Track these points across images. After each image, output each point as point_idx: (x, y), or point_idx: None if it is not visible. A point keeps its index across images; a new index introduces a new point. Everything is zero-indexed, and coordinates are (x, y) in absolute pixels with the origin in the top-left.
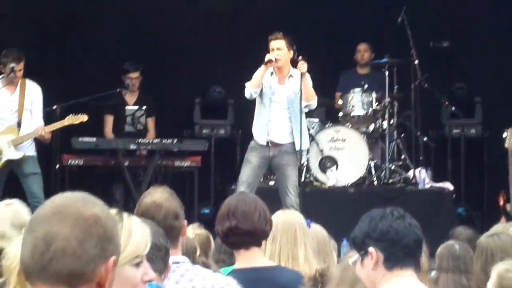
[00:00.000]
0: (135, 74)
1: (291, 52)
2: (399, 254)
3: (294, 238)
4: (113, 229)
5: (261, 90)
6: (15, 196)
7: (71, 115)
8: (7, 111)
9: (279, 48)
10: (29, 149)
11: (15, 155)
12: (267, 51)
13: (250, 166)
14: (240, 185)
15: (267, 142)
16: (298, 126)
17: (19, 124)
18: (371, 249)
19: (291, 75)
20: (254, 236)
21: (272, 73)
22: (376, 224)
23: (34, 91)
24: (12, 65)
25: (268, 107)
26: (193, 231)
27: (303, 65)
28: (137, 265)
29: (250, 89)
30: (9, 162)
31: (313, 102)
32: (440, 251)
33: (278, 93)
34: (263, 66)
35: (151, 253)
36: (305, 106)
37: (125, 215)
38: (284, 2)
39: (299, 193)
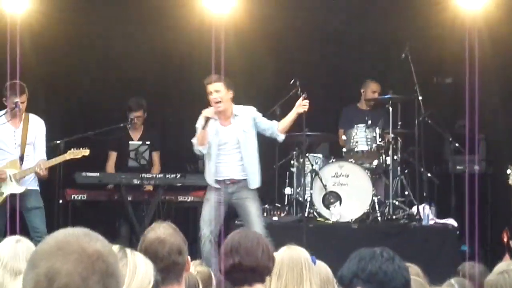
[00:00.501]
0: (138, 113)
1: (231, 92)
2: None
3: (300, 274)
4: (115, 265)
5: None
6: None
7: (72, 149)
8: (10, 145)
9: (217, 91)
10: (32, 183)
11: (17, 189)
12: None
13: (208, 203)
14: (203, 225)
15: (225, 180)
16: (252, 164)
17: (21, 158)
18: None
19: (235, 115)
20: (257, 272)
21: (215, 119)
22: (365, 265)
23: (37, 125)
24: (16, 99)
25: (216, 151)
26: (195, 268)
27: (304, 107)
28: None
29: (198, 147)
30: (12, 196)
31: (284, 136)
32: None
33: (224, 135)
34: (202, 127)
35: None
36: (274, 137)
37: (129, 251)
38: (288, 38)
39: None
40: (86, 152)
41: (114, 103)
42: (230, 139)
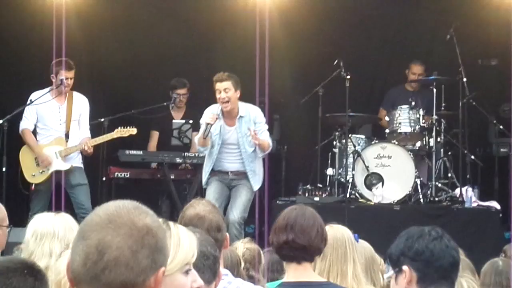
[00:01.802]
0: (182, 91)
1: (238, 92)
2: (433, 276)
3: (344, 254)
4: (163, 240)
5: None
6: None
7: (120, 127)
8: (56, 122)
9: (226, 90)
10: (76, 161)
11: (63, 166)
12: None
13: (212, 186)
14: None
15: (227, 172)
16: (251, 167)
17: (67, 136)
18: (405, 267)
19: (241, 116)
20: (309, 251)
21: (219, 116)
22: (412, 243)
23: (81, 103)
24: (63, 76)
25: (217, 149)
26: (244, 245)
27: (255, 140)
28: (186, 272)
29: (200, 148)
30: (57, 173)
31: (269, 150)
32: (485, 268)
33: (228, 136)
34: (203, 130)
35: (198, 261)
36: (260, 156)
37: (172, 224)
38: (333, 18)
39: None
40: (133, 131)
41: (158, 82)
42: (233, 141)
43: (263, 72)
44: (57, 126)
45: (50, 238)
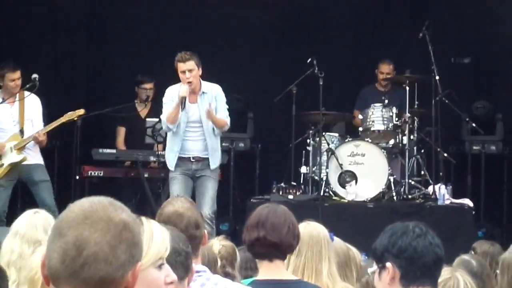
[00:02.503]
0: (149, 85)
1: (200, 69)
2: (416, 273)
3: (319, 252)
4: (139, 235)
5: None
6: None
7: (69, 112)
8: (8, 122)
9: (190, 70)
10: (37, 158)
11: (16, 158)
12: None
13: (176, 181)
14: None
15: (190, 158)
16: (212, 143)
17: (21, 131)
18: (388, 264)
19: (203, 92)
20: (280, 249)
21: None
22: (396, 240)
23: (32, 102)
24: (11, 77)
25: (184, 129)
26: (220, 243)
27: (209, 115)
28: (160, 267)
29: (168, 125)
30: (14, 167)
31: (225, 128)
32: (457, 266)
33: (192, 112)
34: (177, 105)
35: (170, 257)
36: (218, 133)
37: (144, 219)
38: (306, 16)
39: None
40: (81, 111)
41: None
42: (197, 117)
43: (239, 68)
44: (11, 127)
45: (13, 236)
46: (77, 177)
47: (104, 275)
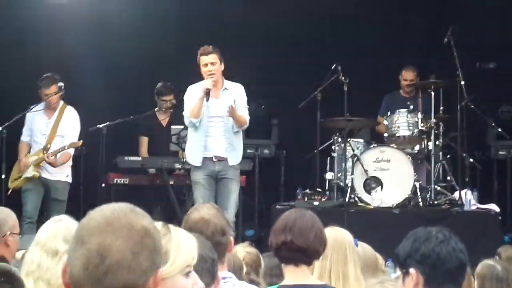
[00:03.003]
0: (169, 97)
1: (223, 65)
2: (439, 279)
3: (344, 256)
4: (160, 242)
5: None
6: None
7: (72, 142)
8: (41, 135)
9: (212, 63)
10: (58, 175)
11: (30, 173)
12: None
13: (200, 186)
14: None
15: (212, 158)
16: (231, 140)
17: (45, 148)
18: (411, 270)
19: (225, 88)
20: (307, 254)
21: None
22: (419, 246)
23: (70, 117)
24: (45, 92)
25: (206, 124)
26: (244, 249)
27: (231, 111)
28: (187, 275)
29: (192, 120)
30: (28, 179)
31: (245, 126)
32: (481, 271)
33: (214, 108)
34: (201, 97)
35: (197, 264)
36: (237, 131)
37: (172, 226)
38: (330, 22)
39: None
40: (79, 143)
41: (145, 87)
42: (219, 113)
43: (263, 75)
44: (43, 140)
45: (35, 245)
46: (103, 185)
47: (127, 282)
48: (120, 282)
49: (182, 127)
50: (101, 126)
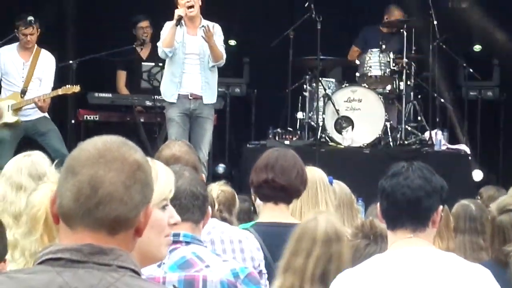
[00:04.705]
0: (145, 23)
1: (200, 1)
2: (391, 212)
3: (315, 195)
4: (151, 176)
5: None
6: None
7: (67, 86)
8: (18, 78)
9: None
10: (38, 112)
11: (11, 119)
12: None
13: (175, 124)
14: None
15: (188, 95)
16: (207, 78)
17: (23, 91)
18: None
19: (203, 26)
20: (287, 192)
21: (181, 24)
22: (380, 180)
23: (47, 61)
24: (24, 31)
25: (182, 61)
26: (219, 187)
27: (207, 35)
28: (163, 208)
29: (164, 50)
30: (8, 125)
31: (221, 62)
32: (456, 211)
33: (191, 45)
34: (173, 24)
35: (188, 201)
36: (213, 66)
37: (149, 159)
38: None
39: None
40: (77, 88)
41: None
42: (196, 50)
43: (235, 13)
44: (19, 82)
45: (0, 177)
46: (73, 121)
47: (119, 214)
48: (112, 214)
49: (153, 64)
50: (71, 62)
